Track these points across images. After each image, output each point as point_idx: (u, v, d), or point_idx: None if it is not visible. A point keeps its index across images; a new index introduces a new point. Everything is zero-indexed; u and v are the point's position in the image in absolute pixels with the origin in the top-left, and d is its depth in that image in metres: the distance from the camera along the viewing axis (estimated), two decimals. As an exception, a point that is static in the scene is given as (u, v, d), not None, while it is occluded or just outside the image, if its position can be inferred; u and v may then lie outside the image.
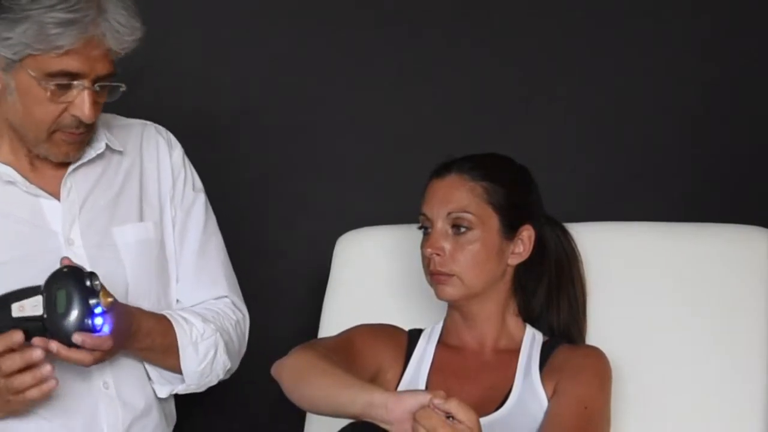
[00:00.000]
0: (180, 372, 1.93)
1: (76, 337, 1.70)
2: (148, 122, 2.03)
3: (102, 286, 1.72)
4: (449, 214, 1.87)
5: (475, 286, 1.87)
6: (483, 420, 1.59)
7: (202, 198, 2.03)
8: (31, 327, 1.70)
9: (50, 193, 1.88)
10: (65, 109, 1.79)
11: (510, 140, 2.21)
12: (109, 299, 1.72)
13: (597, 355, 1.89)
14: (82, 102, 1.78)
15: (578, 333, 1.97)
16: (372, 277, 2.15)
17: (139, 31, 1.79)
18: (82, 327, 1.70)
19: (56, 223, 1.87)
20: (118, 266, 1.90)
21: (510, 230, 1.89)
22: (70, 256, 1.79)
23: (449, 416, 1.55)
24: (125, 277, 1.90)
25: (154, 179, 1.99)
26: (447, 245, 1.87)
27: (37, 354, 1.68)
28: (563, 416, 1.79)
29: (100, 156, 1.92)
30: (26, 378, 1.68)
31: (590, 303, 1.99)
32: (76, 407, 1.84)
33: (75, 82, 1.77)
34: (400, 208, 2.08)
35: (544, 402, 1.83)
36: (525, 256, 1.91)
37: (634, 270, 2.03)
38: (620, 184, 2.53)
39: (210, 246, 2.03)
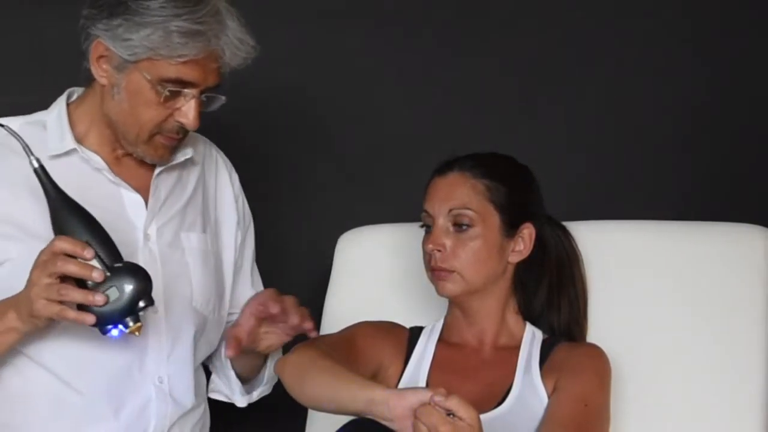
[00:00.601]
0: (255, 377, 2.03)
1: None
2: (207, 139, 2.08)
3: (137, 324, 1.72)
4: (451, 210, 1.88)
5: (475, 282, 1.88)
6: (483, 417, 1.59)
7: (253, 222, 2.12)
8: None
9: (132, 187, 1.91)
10: (171, 115, 1.82)
11: (510, 139, 2.21)
12: (136, 333, 1.72)
13: (597, 352, 1.89)
14: (189, 110, 1.81)
15: (579, 332, 1.97)
16: (373, 275, 2.16)
17: (254, 50, 1.83)
18: (102, 325, 1.70)
19: (136, 217, 1.89)
20: (185, 269, 1.94)
21: (511, 228, 1.90)
22: (146, 251, 1.86)
23: (450, 413, 1.56)
24: (190, 280, 1.94)
25: (212, 196, 2.04)
26: (448, 242, 1.88)
27: (96, 274, 1.68)
28: (563, 413, 1.80)
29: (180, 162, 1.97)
30: (76, 294, 1.67)
31: (590, 301, 2.00)
32: (129, 396, 1.86)
33: (185, 90, 1.80)
34: (400, 207, 2.09)
35: (544, 399, 1.84)
36: (525, 254, 1.92)
37: (633, 268, 2.03)
38: (620, 183, 2.53)
39: (255, 265, 2.12)
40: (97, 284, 1.68)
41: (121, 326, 1.70)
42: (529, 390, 1.85)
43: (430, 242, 1.89)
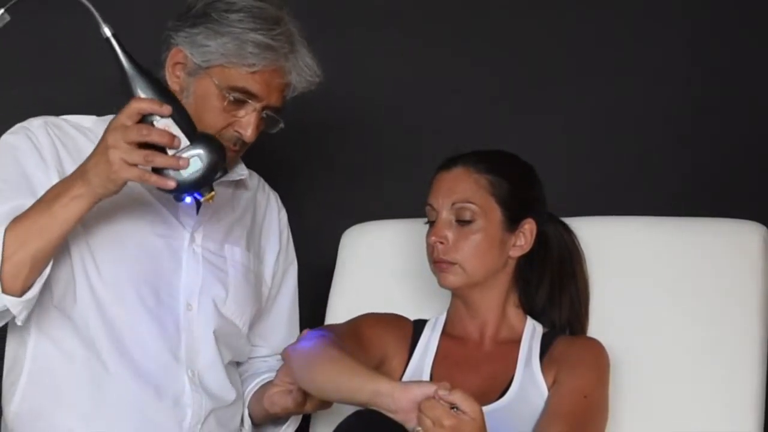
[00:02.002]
0: None
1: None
2: (262, 178, 2.15)
3: (211, 192, 1.74)
4: (454, 204, 1.90)
5: (476, 274, 1.90)
6: (485, 409, 1.61)
7: (296, 262, 2.17)
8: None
9: None
10: (231, 124, 1.87)
11: (511, 138, 2.23)
12: (210, 201, 1.75)
13: (596, 346, 1.91)
14: (248, 122, 1.87)
15: (580, 329, 1.99)
16: (377, 270, 2.17)
17: (318, 78, 1.91)
18: (178, 192, 1.72)
19: (185, 218, 1.94)
20: (225, 277, 1.98)
21: (512, 223, 1.92)
22: (190, 251, 1.92)
23: (453, 407, 1.57)
24: (227, 288, 1.98)
25: (259, 224, 2.10)
26: (450, 234, 1.90)
27: (177, 142, 1.69)
28: (563, 405, 1.81)
29: (234, 181, 2.02)
30: (160, 158, 1.68)
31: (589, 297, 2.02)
32: (168, 385, 1.89)
33: (249, 102, 1.86)
34: (404, 203, 2.11)
35: (545, 392, 1.85)
36: (526, 248, 1.94)
37: (629, 264, 2.04)
38: (619, 180, 2.54)
39: (296, 307, 2.16)
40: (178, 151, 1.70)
41: (196, 194, 1.73)
42: (530, 383, 1.86)
43: (433, 234, 1.91)
